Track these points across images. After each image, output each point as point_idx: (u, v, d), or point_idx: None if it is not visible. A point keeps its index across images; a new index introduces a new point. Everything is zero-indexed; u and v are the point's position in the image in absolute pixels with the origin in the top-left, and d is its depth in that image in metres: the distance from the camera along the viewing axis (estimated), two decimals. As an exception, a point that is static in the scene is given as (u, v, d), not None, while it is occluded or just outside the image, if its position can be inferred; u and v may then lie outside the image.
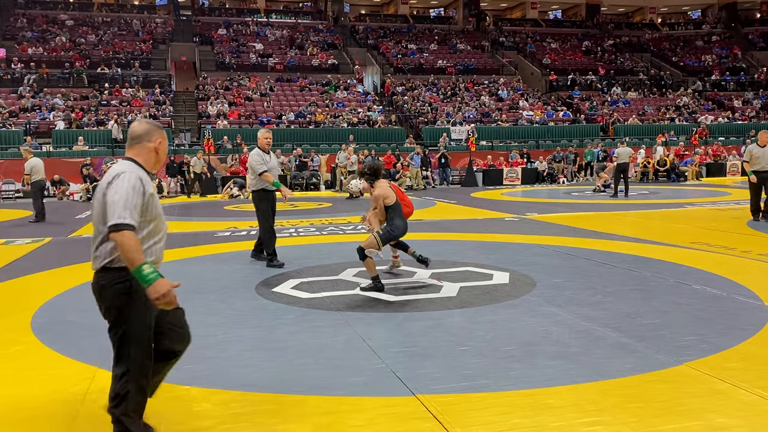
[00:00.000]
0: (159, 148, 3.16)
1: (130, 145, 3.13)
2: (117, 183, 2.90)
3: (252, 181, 8.28)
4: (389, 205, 6.55)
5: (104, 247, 2.97)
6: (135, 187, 2.92)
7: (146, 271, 2.85)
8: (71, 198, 20.24)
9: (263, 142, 8.14)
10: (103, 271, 3.00)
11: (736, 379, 3.84)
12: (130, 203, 2.87)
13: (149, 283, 2.85)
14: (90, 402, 3.74)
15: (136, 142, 3.12)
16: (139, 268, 2.83)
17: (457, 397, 3.66)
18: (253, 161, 8.00)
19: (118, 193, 2.87)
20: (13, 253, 9.35)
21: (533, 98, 32.76)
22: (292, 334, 5.06)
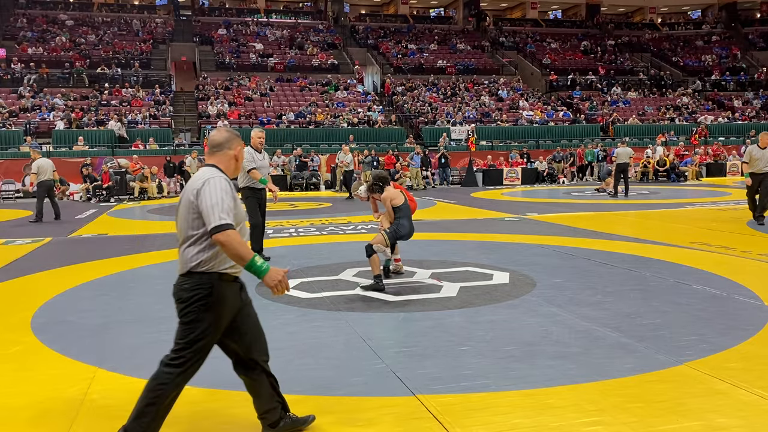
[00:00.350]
0: (238, 155, 3.22)
1: (212, 152, 3.18)
2: (209, 188, 2.96)
3: (240, 178, 8.43)
4: (397, 206, 6.64)
5: (190, 251, 3.00)
6: (226, 190, 2.99)
7: (259, 263, 2.94)
8: (71, 198, 20.23)
9: (256, 141, 8.36)
10: (187, 275, 3.02)
11: (736, 379, 3.84)
12: (226, 205, 2.94)
13: (264, 273, 2.96)
14: (90, 402, 3.74)
15: (218, 149, 3.17)
16: (252, 262, 2.92)
17: (457, 397, 3.66)
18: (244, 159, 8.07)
19: (213, 197, 2.93)
20: (13, 253, 9.35)
21: (533, 98, 32.76)
22: (292, 334, 5.06)
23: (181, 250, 3.05)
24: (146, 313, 5.73)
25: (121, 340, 4.96)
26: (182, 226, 3.05)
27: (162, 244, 10.09)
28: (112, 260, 8.61)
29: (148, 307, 5.98)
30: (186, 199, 3.02)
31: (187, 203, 3.01)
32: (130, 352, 4.64)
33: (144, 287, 6.90)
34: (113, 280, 7.30)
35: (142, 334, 5.08)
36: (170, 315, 5.60)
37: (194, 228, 2.99)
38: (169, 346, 4.74)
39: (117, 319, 5.57)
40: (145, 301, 6.21)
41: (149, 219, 14.46)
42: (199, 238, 2.97)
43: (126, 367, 4.28)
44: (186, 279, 3.02)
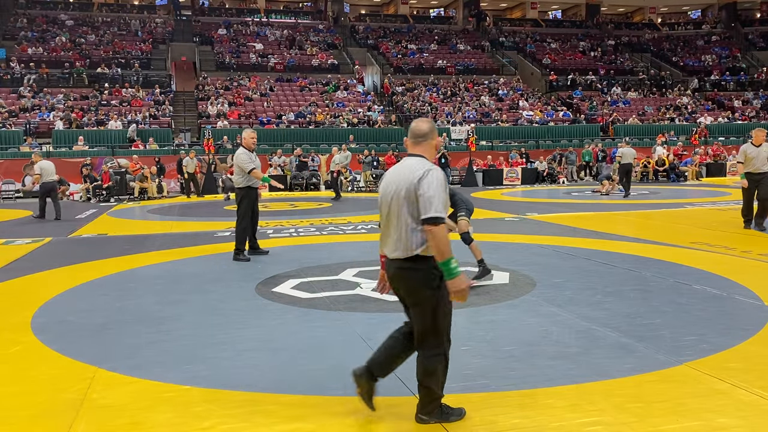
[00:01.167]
0: (437, 145, 3.38)
1: (417, 142, 3.29)
2: (430, 178, 3.09)
3: (238, 178, 8.56)
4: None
5: (418, 235, 3.14)
6: (443, 184, 3.14)
7: (454, 264, 3.08)
8: (71, 198, 20.23)
9: (249, 141, 8.61)
10: (414, 258, 3.16)
11: (736, 379, 3.84)
12: (443, 199, 3.10)
13: (454, 276, 3.08)
14: (90, 402, 3.74)
15: (423, 139, 3.29)
16: (449, 260, 3.06)
17: (457, 397, 3.66)
18: (241, 160, 8.41)
19: (433, 188, 3.08)
20: (13, 253, 9.35)
21: (533, 98, 32.76)
22: (292, 334, 5.06)
23: (398, 234, 3.18)
24: (146, 313, 5.73)
25: (121, 340, 4.96)
26: (403, 212, 3.16)
27: (162, 244, 10.09)
28: (112, 260, 8.61)
29: (148, 307, 5.98)
30: (406, 188, 3.15)
31: (408, 191, 3.14)
32: (130, 352, 4.64)
33: (144, 287, 6.90)
34: (113, 280, 7.30)
35: (142, 334, 5.08)
36: (170, 315, 5.64)
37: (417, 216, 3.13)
38: (170, 345, 4.76)
39: (117, 319, 5.57)
40: (145, 301, 6.20)
41: (149, 219, 14.46)
42: None
43: (126, 367, 4.28)
44: (414, 262, 3.17)
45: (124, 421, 3.48)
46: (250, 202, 8.49)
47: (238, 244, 8.42)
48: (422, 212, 3.07)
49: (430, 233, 3.06)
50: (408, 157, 3.28)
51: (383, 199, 3.30)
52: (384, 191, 3.29)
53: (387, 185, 3.30)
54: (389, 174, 3.34)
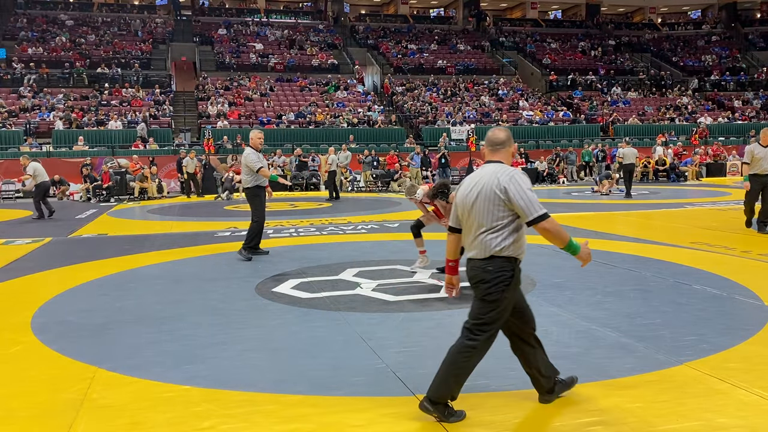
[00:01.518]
0: (514, 152, 3.54)
1: (496, 149, 3.47)
2: (518, 182, 3.28)
3: (247, 178, 8.64)
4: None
5: (494, 238, 3.31)
6: (529, 185, 3.33)
7: (575, 241, 3.34)
8: (71, 198, 20.23)
9: (256, 141, 8.69)
10: (489, 259, 3.33)
11: (736, 379, 3.84)
12: (535, 198, 3.29)
13: (578, 251, 3.35)
14: (90, 402, 3.74)
15: (501, 147, 3.47)
16: (569, 243, 3.31)
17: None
18: (250, 160, 8.50)
19: (525, 189, 3.28)
20: (13, 253, 9.35)
21: (533, 98, 32.75)
22: (293, 334, 5.06)
23: (480, 237, 3.35)
24: (146, 313, 5.73)
25: (121, 340, 4.96)
26: (484, 217, 3.33)
27: (162, 244, 10.09)
28: (112, 260, 8.61)
29: (148, 307, 5.98)
30: (489, 194, 3.31)
31: (491, 197, 3.31)
32: (130, 352, 4.64)
33: (144, 287, 6.90)
34: (113, 280, 7.30)
35: (142, 334, 5.08)
36: (170, 315, 5.64)
37: (499, 219, 3.30)
38: (170, 345, 4.76)
39: (117, 319, 5.57)
40: (145, 301, 6.20)
41: (149, 219, 14.46)
42: (504, 228, 3.30)
43: (126, 367, 4.28)
44: (488, 262, 3.33)
45: (124, 421, 3.48)
46: (261, 200, 8.66)
47: (254, 241, 8.59)
48: (526, 216, 3.26)
49: (543, 230, 3.26)
50: (487, 164, 3.46)
51: (464, 203, 3.44)
52: (464, 196, 3.44)
53: (468, 189, 3.43)
54: (469, 179, 3.48)
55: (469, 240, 3.43)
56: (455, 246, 3.61)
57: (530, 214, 3.24)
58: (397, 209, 15.18)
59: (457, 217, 3.52)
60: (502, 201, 3.28)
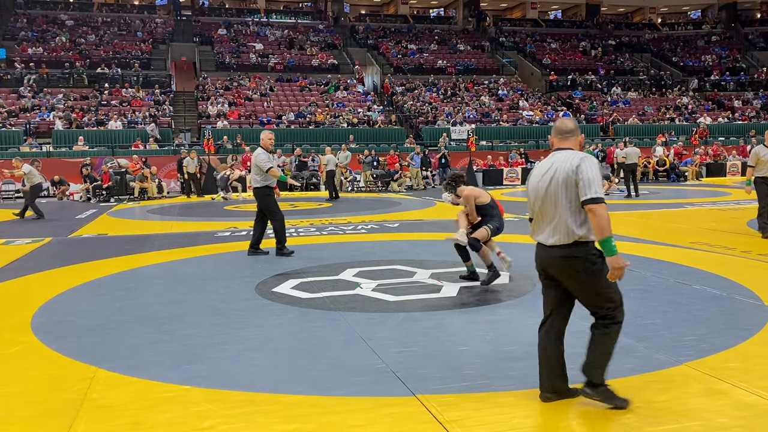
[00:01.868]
0: (581, 141, 3.64)
1: (565, 138, 3.56)
2: (587, 164, 3.35)
3: (257, 178, 8.71)
4: (483, 204, 6.64)
5: (576, 222, 3.37)
6: (598, 170, 3.41)
7: (613, 242, 3.29)
8: (71, 198, 20.23)
9: (267, 142, 8.80)
10: (573, 245, 3.39)
11: (736, 379, 3.84)
12: (600, 182, 3.36)
13: (614, 254, 3.28)
14: (90, 402, 3.74)
15: (570, 135, 3.57)
16: (609, 238, 3.27)
17: (457, 397, 3.66)
18: (260, 160, 8.60)
19: (591, 172, 3.34)
20: (13, 253, 9.35)
21: (533, 98, 32.75)
22: (292, 334, 5.06)
23: (559, 222, 3.40)
24: (146, 313, 5.73)
25: (121, 340, 4.96)
26: (561, 202, 3.40)
27: (162, 244, 10.09)
28: (112, 260, 8.61)
29: (148, 307, 5.98)
30: (564, 178, 3.39)
31: (567, 180, 3.38)
32: (130, 352, 4.64)
33: (144, 287, 6.90)
34: (113, 280, 7.30)
35: (142, 334, 5.08)
36: (170, 315, 5.64)
37: (577, 202, 3.36)
38: (170, 345, 4.76)
39: (117, 319, 5.57)
40: (145, 301, 6.20)
41: (149, 219, 14.46)
42: (582, 211, 3.35)
43: (126, 367, 4.28)
44: (574, 248, 3.39)
45: (124, 421, 3.48)
46: (272, 198, 8.77)
47: (281, 240, 8.75)
48: (583, 193, 3.30)
49: (591, 212, 3.29)
50: (557, 151, 3.54)
51: (536, 189, 3.52)
52: (536, 182, 3.53)
53: (539, 176, 3.53)
54: (540, 167, 3.58)
55: (544, 226, 3.50)
56: None
57: (588, 193, 3.29)
58: (397, 209, 15.18)
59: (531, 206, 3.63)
60: (576, 182, 3.36)
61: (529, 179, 3.65)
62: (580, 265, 3.38)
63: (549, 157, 3.57)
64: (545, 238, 3.48)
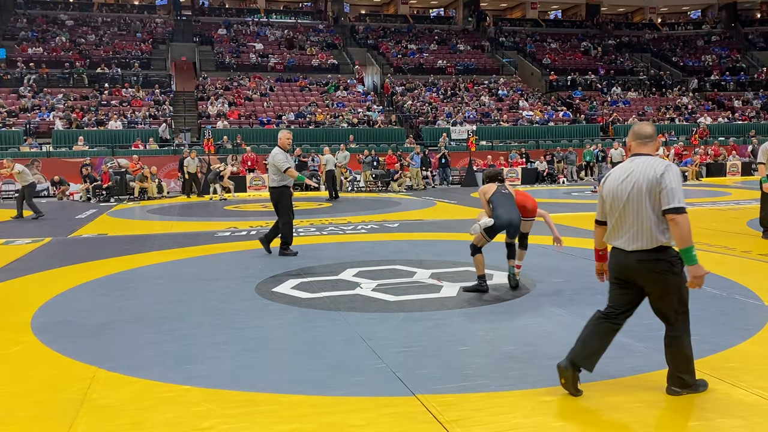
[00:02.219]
0: (658, 146, 3.66)
1: (644, 143, 3.63)
2: (671, 174, 3.43)
3: (274, 177, 8.77)
4: (489, 199, 6.19)
5: (658, 229, 3.45)
6: (681, 179, 3.49)
7: (694, 252, 3.39)
8: (71, 198, 20.23)
9: (285, 141, 8.83)
10: (658, 249, 3.47)
11: (737, 379, 3.84)
12: (682, 192, 3.44)
13: (694, 263, 3.40)
14: (90, 402, 3.74)
15: (650, 140, 3.63)
16: (690, 248, 3.37)
17: (457, 397, 3.66)
18: (278, 160, 8.63)
19: (675, 181, 3.42)
20: (13, 253, 9.35)
21: (533, 98, 32.75)
22: (292, 334, 5.06)
23: (640, 228, 3.48)
24: (146, 313, 5.73)
25: (121, 340, 4.96)
26: (644, 207, 3.47)
27: (162, 244, 10.09)
28: (112, 260, 8.61)
29: (148, 307, 5.98)
30: (647, 184, 3.45)
31: (650, 187, 3.45)
32: (130, 352, 4.64)
33: (144, 287, 6.90)
34: (113, 280, 7.30)
35: (142, 334, 5.08)
36: (170, 315, 5.64)
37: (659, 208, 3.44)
38: (170, 345, 4.76)
39: (117, 319, 5.57)
40: (145, 301, 6.20)
41: (149, 219, 14.46)
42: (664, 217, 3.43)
43: (126, 367, 4.28)
44: (656, 253, 3.48)
45: (124, 421, 3.48)
46: (287, 199, 8.79)
47: (288, 240, 8.74)
48: (666, 202, 3.38)
49: (673, 221, 3.37)
50: (636, 156, 3.60)
51: (615, 194, 3.58)
52: (615, 187, 3.59)
53: (617, 181, 3.59)
54: (617, 171, 3.64)
55: (624, 231, 3.56)
56: (602, 237, 3.80)
57: (672, 202, 3.37)
58: (397, 209, 15.18)
59: (603, 210, 3.70)
60: (659, 191, 3.43)
61: (605, 183, 3.69)
62: (664, 267, 3.47)
63: (627, 162, 3.63)
64: (625, 244, 3.55)
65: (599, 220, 3.77)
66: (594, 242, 3.90)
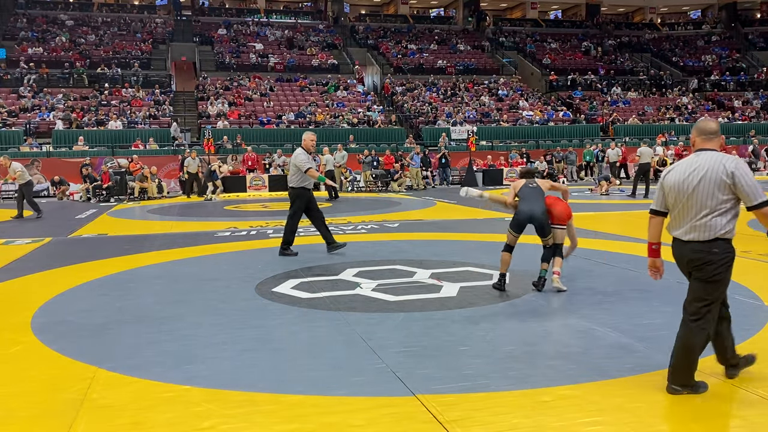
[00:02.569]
0: (722, 142, 3.80)
1: (709, 138, 3.72)
2: (743, 169, 3.54)
3: (294, 177, 8.81)
4: (516, 193, 6.41)
5: (719, 221, 3.55)
6: (751, 172, 3.59)
7: None
8: (71, 198, 20.22)
9: (309, 143, 8.89)
10: (713, 241, 3.56)
11: (736, 379, 3.84)
12: (758, 184, 3.54)
13: None
14: (90, 402, 3.74)
15: (715, 136, 3.72)
16: None
17: (457, 397, 3.66)
18: (300, 160, 8.68)
19: (749, 176, 3.53)
20: (13, 253, 9.35)
21: (533, 98, 32.76)
22: (292, 334, 5.06)
23: (702, 220, 3.58)
24: (146, 313, 5.73)
25: (121, 340, 4.96)
26: (708, 200, 3.57)
27: (162, 244, 10.09)
28: (112, 260, 8.61)
29: (148, 307, 5.98)
30: (714, 179, 3.54)
31: (717, 182, 3.54)
32: (130, 352, 4.64)
33: (144, 287, 6.90)
34: (113, 280, 7.30)
35: (142, 334, 5.08)
36: (170, 315, 5.64)
37: (723, 203, 3.54)
38: (170, 345, 4.76)
39: (117, 319, 5.57)
40: (145, 301, 6.20)
41: (149, 219, 14.46)
42: (727, 211, 3.55)
43: (126, 367, 4.28)
44: (713, 244, 3.57)
45: (124, 421, 3.48)
46: (303, 201, 8.80)
47: (286, 238, 8.74)
48: (751, 200, 3.50)
49: (763, 215, 3.52)
50: (702, 151, 3.69)
51: (680, 187, 3.66)
52: (680, 180, 3.67)
53: (683, 174, 3.67)
54: (684, 165, 3.72)
55: (684, 222, 3.66)
56: (659, 229, 3.85)
57: (755, 199, 3.49)
58: (397, 209, 15.18)
59: (664, 201, 3.77)
60: (728, 186, 3.51)
61: (668, 176, 3.77)
62: (714, 257, 3.56)
63: (693, 156, 3.72)
64: (683, 234, 3.66)
65: (657, 210, 3.81)
66: (648, 235, 3.90)
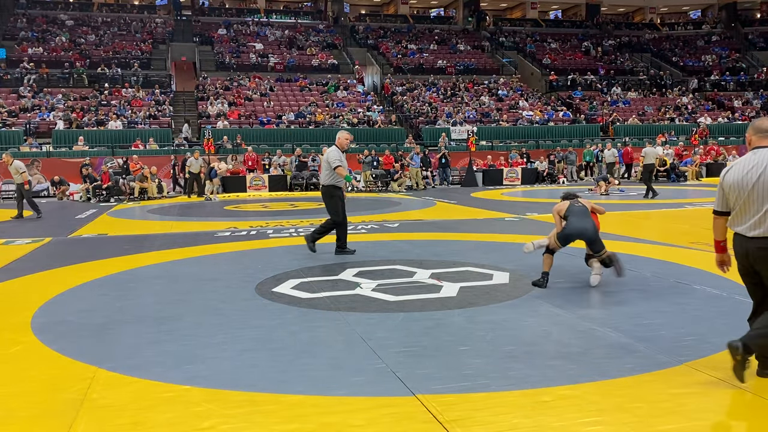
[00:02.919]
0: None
1: (765, 136, 3.88)
2: None
3: (325, 173, 8.89)
4: (564, 214, 6.60)
5: None
6: None
7: None
8: (71, 198, 20.22)
9: (344, 141, 8.90)
10: None
11: (736, 379, 3.83)
12: None
13: None
14: (90, 402, 3.74)
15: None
16: None
17: (457, 397, 3.66)
18: (332, 157, 8.72)
19: None
20: (13, 253, 9.35)
21: (533, 98, 32.76)
22: (292, 334, 5.06)
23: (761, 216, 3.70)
24: (146, 313, 5.73)
25: (121, 340, 4.96)
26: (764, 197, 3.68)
27: (162, 244, 10.09)
28: (112, 260, 8.61)
29: (148, 307, 5.98)
30: None
31: None
32: (130, 352, 4.64)
33: (144, 287, 6.90)
34: (113, 280, 7.30)
35: (142, 334, 5.08)
36: (170, 315, 5.64)
37: None
38: (170, 345, 4.76)
39: (117, 319, 5.57)
40: (145, 301, 6.20)
41: (149, 219, 14.46)
42: None
43: (126, 367, 4.27)
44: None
45: (124, 421, 3.48)
46: (337, 199, 8.87)
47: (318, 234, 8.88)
48: None
49: None
50: (759, 149, 3.85)
51: (740, 184, 3.79)
52: (740, 177, 3.81)
53: (742, 172, 3.80)
54: (741, 164, 3.84)
55: (747, 218, 3.77)
56: (724, 228, 4.05)
57: None
58: (397, 209, 15.18)
59: (726, 201, 3.93)
60: None
61: (726, 176, 3.91)
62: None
63: (751, 155, 3.84)
64: (746, 230, 3.76)
65: (720, 211, 3.98)
66: (714, 234, 4.10)
